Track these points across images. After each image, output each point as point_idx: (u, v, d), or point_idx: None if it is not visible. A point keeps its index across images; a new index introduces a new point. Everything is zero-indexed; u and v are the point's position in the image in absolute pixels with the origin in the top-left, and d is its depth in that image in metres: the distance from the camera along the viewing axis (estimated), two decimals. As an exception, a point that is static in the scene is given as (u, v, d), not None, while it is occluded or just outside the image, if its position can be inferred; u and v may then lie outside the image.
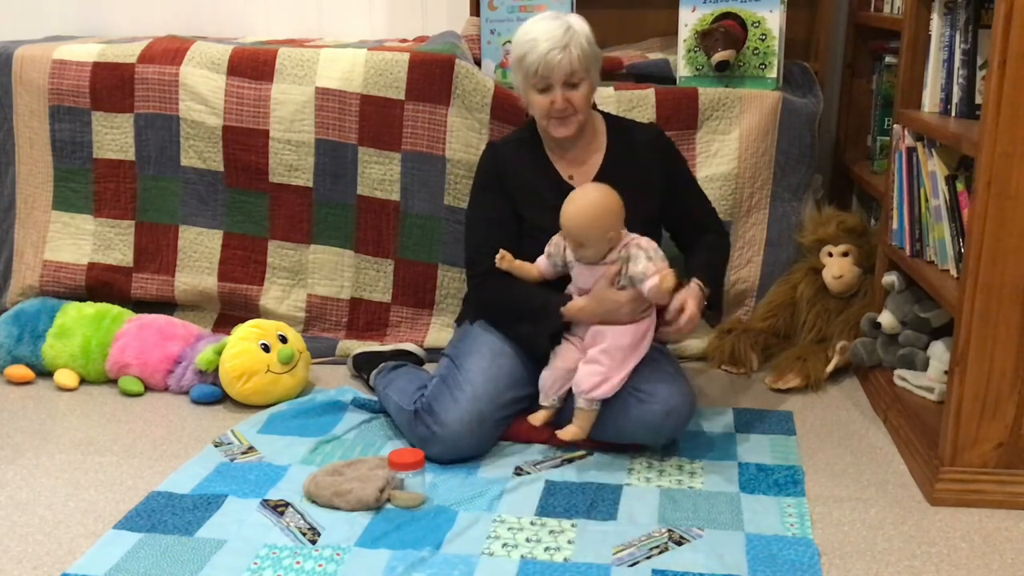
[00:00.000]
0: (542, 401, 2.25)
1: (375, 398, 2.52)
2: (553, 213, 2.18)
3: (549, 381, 2.23)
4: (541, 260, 2.26)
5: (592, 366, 2.16)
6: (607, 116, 2.41)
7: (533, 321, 2.24)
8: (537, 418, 2.24)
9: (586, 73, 2.22)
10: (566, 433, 2.18)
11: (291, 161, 2.90)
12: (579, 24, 2.22)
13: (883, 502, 2.08)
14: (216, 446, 2.32)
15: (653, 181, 2.34)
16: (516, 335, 2.29)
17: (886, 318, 2.55)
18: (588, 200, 2.14)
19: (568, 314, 2.20)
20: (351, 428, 2.41)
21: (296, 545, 1.90)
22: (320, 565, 1.83)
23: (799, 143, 2.92)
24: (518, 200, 2.32)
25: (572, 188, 2.27)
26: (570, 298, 2.22)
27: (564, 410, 2.25)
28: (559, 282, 2.27)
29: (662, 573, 1.81)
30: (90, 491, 2.12)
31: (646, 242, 2.16)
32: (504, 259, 2.20)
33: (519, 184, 2.32)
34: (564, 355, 2.22)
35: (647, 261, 2.12)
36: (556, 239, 2.23)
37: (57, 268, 2.99)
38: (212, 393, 2.58)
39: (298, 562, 1.84)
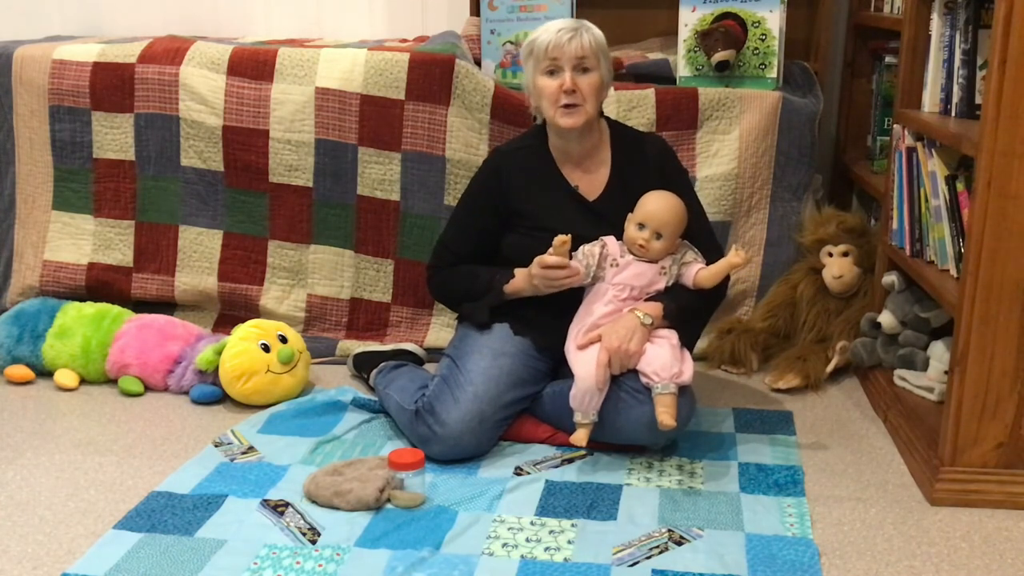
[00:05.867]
0: (581, 420, 2.17)
1: (375, 398, 2.52)
2: (560, 216, 2.24)
3: (580, 395, 2.16)
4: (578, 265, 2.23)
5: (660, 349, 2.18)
6: (612, 124, 2.40)
7: (477, 298, 2.35)
8: (580, 438, 2.17)
9: (596, 62, 2.23)
10: (665, 423, 2.10)
11: (291, 161, 2.90)
12: (592, 25, 2.27)
13: (883, 502, 2.08)
14: (216, 446, 2.32)
15: None
16: (464, 313, 2.39)
17: (886, 318, 2.55)
18: (676, 199, 2.24)
19: (509, 289, 2.30)
20: (351, 428, 2.41)
21: (296, 545, 1.90)
22: (320, 565, 1.83)
23: (799, 143, 2.92)
24: (520, 204, 2.32)
25: (580, 196, 2.31)
26: (512, 277, 2.30)
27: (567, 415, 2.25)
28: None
29: (662, 573, 1.81)
30: (90, 491, 2.12)
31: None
32: (565, 244, 2.15)
33: (523, 187, 2.32)
34: (586, 364, 2.16)
35: (696, 255, 2.27)
36: (588, 248, 2.22)
37: (57, 268, 2.99)
38: (212, 393, 2.58)
39: (298, 562, 1.84)
